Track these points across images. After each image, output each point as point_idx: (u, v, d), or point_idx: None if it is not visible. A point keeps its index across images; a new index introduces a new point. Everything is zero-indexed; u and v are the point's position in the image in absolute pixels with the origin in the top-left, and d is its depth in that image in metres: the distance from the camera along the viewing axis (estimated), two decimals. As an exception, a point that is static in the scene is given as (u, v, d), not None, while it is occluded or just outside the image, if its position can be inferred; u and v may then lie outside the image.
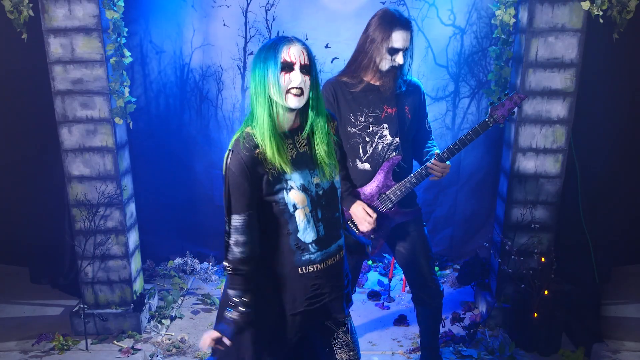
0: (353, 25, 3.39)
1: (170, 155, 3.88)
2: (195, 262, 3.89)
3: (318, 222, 1.76)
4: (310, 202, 1.73)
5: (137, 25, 3.58)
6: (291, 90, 1.64)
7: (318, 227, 1.76)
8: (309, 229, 1.74)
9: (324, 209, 1.77)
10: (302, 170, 1.72)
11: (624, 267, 3.89)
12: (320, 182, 1.76)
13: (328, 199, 1.78)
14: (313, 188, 1.74)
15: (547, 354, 2.96)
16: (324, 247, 1.78)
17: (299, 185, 1.71)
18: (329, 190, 1.78)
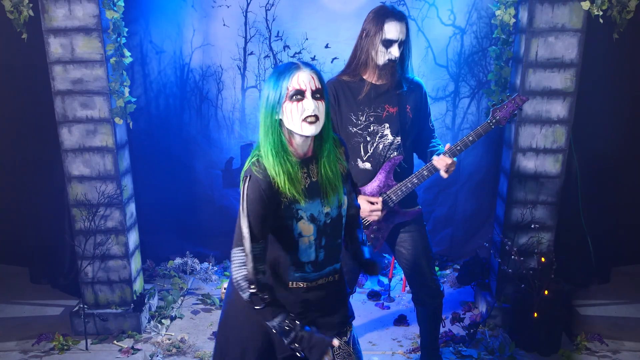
0: (353, 25, 3.38)
1: (170, 155, 3.88)
2: (195, 262, 3.89)
3: (320, 248, 1.74)
4: (316, 232, 1.71)
5: (137, 25, 3.58)
6: (306, 118, 1.59)
7: (318, 253, 1.75)
8: (309, 252, 1.74)
9: (328, 236, 1.75)
10: (313, 200, 1.69)
11: (624, 267, 3.89)
12: (330, 210, 1.73)
13: (334, 226, 1.75)
14: (322, 217, 1.71)
15: (547, 354, 2.96)
16: (318, 269, 1.77)
17: (309, 216, 1.69)
18: (336, 218, 1.75)
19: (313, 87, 1.59)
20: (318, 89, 1.60)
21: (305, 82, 1.58)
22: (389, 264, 3.94)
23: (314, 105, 1.59)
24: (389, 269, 3.80)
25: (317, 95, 1.60)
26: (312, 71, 1.61)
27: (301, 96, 1.59)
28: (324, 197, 1.71)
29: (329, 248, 1.76)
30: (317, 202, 1.70)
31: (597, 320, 3.33)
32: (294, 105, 1.59)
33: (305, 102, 1.59)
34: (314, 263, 1.75)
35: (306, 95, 1.59)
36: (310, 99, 1.59)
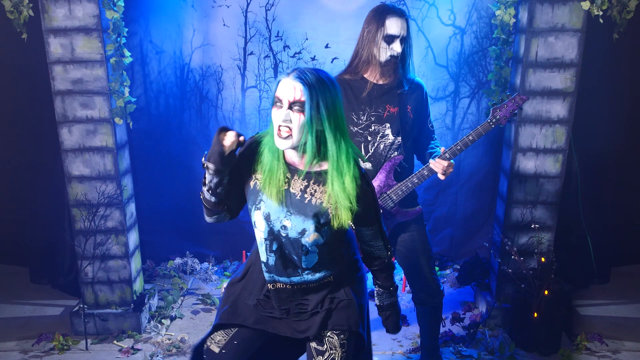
0: (353, 25, 3.39)
1: (170, 155, 3.88)
2: (195, 262, 3.89)
3: (270, 252, 1.73)
4: (267, 232, 1.71)
5: (137, 25, 3.58)
6: (279, 128, 1.57)
7: (268, 255, 1.74)
8: (262, 250, 1.76)
9: (282, 246, 1.72)
10: (279, 205, 1.67)
11: (624, 267, 3.89)
12: (289, 228, 1.67)
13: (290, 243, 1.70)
14: (277, 225, 1.69)
15: (547, 354, 2.96)
16: (272, 272, 1.77)
17: (265, 213, 1.69)
18: (293, 240, 1.69)
19: (291, 98, 1.55)
20: (297, 101, 1.54)
21: (285, 91, 1.55)
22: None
23: (287, 116, 1.55)
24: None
25: (295, 107, 1.55)
26: (297, 80, 1.54)
27: (280, 104, 1.57)
28: (292, 213, 1.67)
29: (281, 259, 1.73)
30: (282, 210, 1.68)
31: (597, 320, 3.33)
32: (275, 111, 1.59)
33: (280, 111, 1.57)
34: (266, 264, 1.76)
35: (283, 103, 1.57)
36: (286, 109, 1.56)
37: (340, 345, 1.82)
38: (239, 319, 1.83)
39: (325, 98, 1.56)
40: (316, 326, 1.80)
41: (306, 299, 1.81)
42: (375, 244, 1.87)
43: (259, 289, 1.84)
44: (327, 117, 1.57)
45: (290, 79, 1.56)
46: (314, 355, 1.83)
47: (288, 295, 1.80)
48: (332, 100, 1.58)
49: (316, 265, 1.76)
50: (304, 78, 1.55)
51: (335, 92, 1.60)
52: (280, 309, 1.82)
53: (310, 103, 1.54)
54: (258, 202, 1.70)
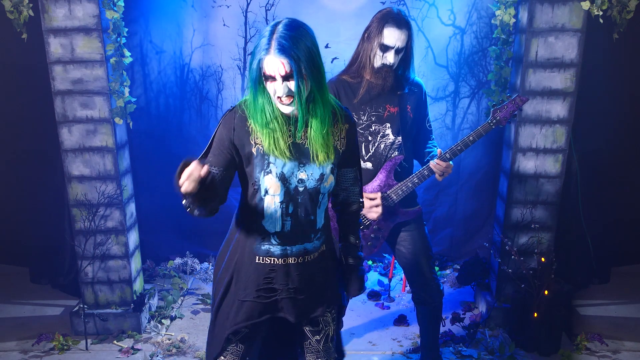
0: (353, 25, 3.39)
1: (170, 155, 3.88)
2: (195, 262, 3.89)
3: (286, 216, 1.70)
4: (283, 193, 1.68)
5: (137, 25, 3.58)
6: (279, 98, 1.60)
7: (284, 221, 1.71)
8: (274, 219, 1.71)
9: (298, 205, 1.70)
10: (290, 159, 1.66)
11: (624, 267, 3.89)
12: (306, 179, 1.69)
13: (307, 198, 1.70)
14: (294, 181, 1.68)
15: (547, 354, 2.96)
16: (286, 243, 1.73)
17: (278, 173, 1.66)
18: (312, 191, 1.70)
19: (282, 72, 1.56)
20: (289, 74, 1.56)
21: (274, 69, 1.56)
22: (389, 264, 3.94)
23: (285, 88, 1.58)
24: (389, 269, 3.80)
25: (290, 78, 1.57)
26: (282, 56, 1.54)
27: (273, 79, 1.58)
28: (304, 163, 1.68)
29: (298, 220, 1.71)
30: (294, 164, 1.67)
31: (597, 320, 3.33)
32: (269, 84, 1.59)
33: (277, 84, 1.58)
34: (280, 234, 1.72)
35: (276, 79, 1.57)
36: (281, 82, 1.57)
37: (332, 320, 1.88)
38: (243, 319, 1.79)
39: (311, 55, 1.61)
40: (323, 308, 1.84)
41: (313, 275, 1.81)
42: (353, 189, 1.90)
43: (255, 279, 1.77)
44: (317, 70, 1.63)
45: (274, 55, 1.54)
46: (309, 336, 1.86)
47: (299, 271, 1.77)
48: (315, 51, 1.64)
49: (322, 227, 1.79)
50: (287, 50, 1.55)
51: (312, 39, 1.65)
52: (287, 289, 1.77)
53: (301, 71, 1.57)
54: (267, 166, 1.65)
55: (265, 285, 1.77)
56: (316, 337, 1.86)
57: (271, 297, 1.78)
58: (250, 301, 1.78)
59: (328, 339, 1.89)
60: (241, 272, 1.79)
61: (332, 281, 1.88)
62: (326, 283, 1.86)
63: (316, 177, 1.70)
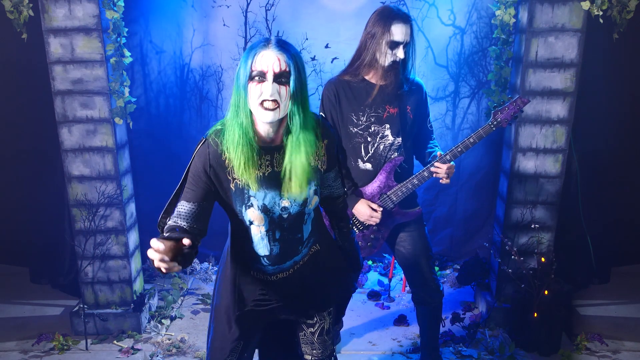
0: (353, 25, 3.39)
1: (170, 155, 3.88)
2: (195, 262, 3.89)
3: (274, 241, 1.69)
4: (268, 223, 1.65)
5: (137, 25, 3.58)
6: (263, 102, 1.50)
7: (272, 246, 1.69)
8: (262, 244, 1.70)
9: (284, 230, 1.68)
10: (270, 190, 1.61)
11: (624, 267, 3.89)
12: (290, 206, 1.64)
13: (292, 222, 1.68)
14: (277, 210, 1.64)
15: (547, 354, 2.96)
16: (276, 263, 1.74)
17: (260, 205, 1.61)
18: (295, 215, 1.67)
19: (277, 69, 1.47)
20: (283, 71, 1.48)
21: (268, 63, 1.47)
22: (389, 264, 3.94)
23: (274, 90, 1.48)
24: (389, 269, 3.80)
25: (281, 80, 1.48)
26: (280, 52, 1.47)
27: (261, 78, 1.48)
28: (284, 190, 1.62)
29: (286, 242, 1.71)
30: (274, 194, 1.62)
31: (597, 320, 3.33)
32: (255, 86, 1.49)
33: (265, 85, 1.48)
34: (269, 257, 1.72)
35: (267, 77, 1.48)
36: (271, 82, 1.48)
37: (327, 314, 1.90)
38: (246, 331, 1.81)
39: (304, 68, 1.55)
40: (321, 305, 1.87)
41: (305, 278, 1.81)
42: (336, 184, 1.86)
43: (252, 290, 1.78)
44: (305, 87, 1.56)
45: (272, 50, 1.48)
46: (304, 328, 1.88)
47: (290, 281, 1.79)
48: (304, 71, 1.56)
49: (310, 235, 1.76)
50: (286, 48, 1.50)
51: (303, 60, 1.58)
52: (284, 299, 1.81)
53: (295, 74, 1.49)
54: (247, 200, 1.61)
55: (261, 297, 1.80)
56: (311, 330, 1.89)
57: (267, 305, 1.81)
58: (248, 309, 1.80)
59: (324, 332, 1.90)
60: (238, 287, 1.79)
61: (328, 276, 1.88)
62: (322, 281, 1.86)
63: (300, 202, 1.66)
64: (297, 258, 1.78)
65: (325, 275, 1.87)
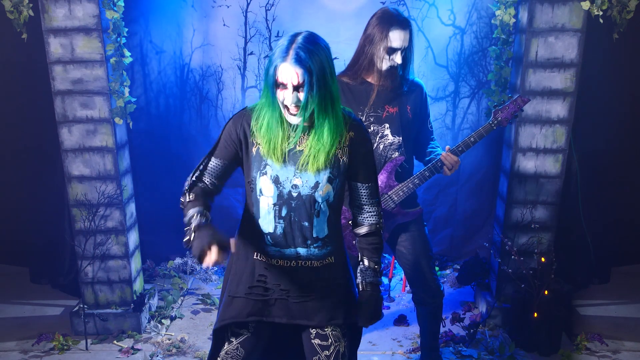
0: (353, 25, 3.39)
1: (170, 155, 3.88)
2: (195, 262, 3.89)
3: (279, 218, 1.73)
4: (277, 196, 1.71)
5: (137, 25, 3.58)
6: (286, 107, 1.63)
7: (277, 223, 1.74)
8: (267, 219, 1.74)
9: (291, 209, 1.72)
10: (286, 165, 1.69)
11: (624, 267, 3.89)
12: (301, 185, 1.70)
13: (300, 204, 1.71)
14: (288, 186, 1.70)
15: (547, 354, 2.96)
16: (279, 245, 1.76)
17: (273, 176, 1.69)
18: (307, 198, 1.70)
19: (295, 82, 1.58)
20: (300, 84, 1.58)
21: (287, 77, 1.58)
22: (389, 264, 3.94)
23: (294, 98, 1.60)
24: (389, 269, 3.81)
25: (301, 89, 1.59)
26: (297, 66, 1.57)
27: (283, 87, 1.61)
28: (298, 168, 1.69)
29: (290, 224, 1.73)
30: (289, 169, 1.70)
31: (597, 320, 3.33)
32: (279, 91, 1.62)
33: (287, 93, 1.60)
34: (273, 235, 1.75)
35: (288, 87, 1.60)
36: (291, 91, 1.60)
37: (342, 336, 1.84)
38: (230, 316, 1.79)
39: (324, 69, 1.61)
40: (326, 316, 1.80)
41: (310, 282, 1.79)
42: (368, 209, 1.83)
43: (249, 275, 1.79)
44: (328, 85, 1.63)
45: (290, 64, 1.57)
46: (318, 351, 1.82)
47: (292, 275, 1.78)
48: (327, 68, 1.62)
49: (325, 237, 1.77)
50: (303, 62, 1.57)
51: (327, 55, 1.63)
52: (280, 289, 1.78)
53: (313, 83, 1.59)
54: (263, 167, 1.70)
55: (258, 284, 1.79)
56: (325, 353, 1.82)
57: (264, 296, 1.79)
58: (241, 297, 1.79)
59: (339, 356, 1.83)
60: (237, 267, 1.82)
61: (340, 295, 1.83)
62: (331, 295, 1.81)
63: (311, 184, 1.70)
64: (302, 252, 1.77)
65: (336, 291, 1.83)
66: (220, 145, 1.76)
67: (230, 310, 1.80)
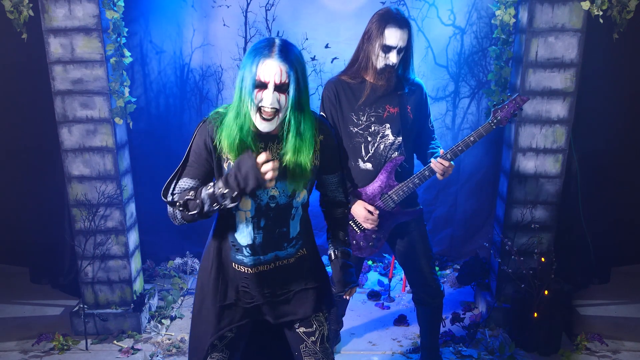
0: (353, 25, 3.39)
1: (170, 155, 3.87)
2: (195, 262, 3.89)
3: (258, 229, 1.71)
4: (254, 209, 1.68)
5: (137, 25, 3.58)
6: (261, 109, 1.54)
7: (255, 234, 1.72)
8: (245, 232, 1.72)
9: (269, 220, 1.70)
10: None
11: (624, 267, 3.89)
12: (278, 195, 1.68)
13: (278, 213, 1.70)
14: (265, 198, 1.67)
15: (547, 354, 2.96)
16: (257, 253, 1.74)
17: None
18: (283, 206, 1.70)
19: (277, 80, 1.51)
20: (284, 83, 1.51)
21: (270, 74, 1.50)
22: (389, 264, 3.94)
23: (274, 98, 1.52)
24: (389, 269, 3.81)
25: (282, 88, 1.52)
26: (282, 62, 1.50)
27: (262, 86, 1.52)
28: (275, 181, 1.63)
29: (269, 233, 1.72)
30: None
31: (597, 320, 3.33)
32: (256, 92, 1.53)
33: (265, 93, 1.52)
34: (252, 246, 1.73)
35: (268, 86, 1.52)
36: (272, 91, 1.52)
37: (325, 320, 1.89)
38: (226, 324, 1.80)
39: (304, 73, 1.57)
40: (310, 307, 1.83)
41: (288, 277, 1.81)
42: (338, 193, 1.89)
43: (233, 285, 1.79)
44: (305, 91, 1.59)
45: (275, 60, 1.50)
46: (304, 338, 1.85)
47: (272, 276, 1.79)
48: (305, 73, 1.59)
49: (298, 234, 1.78)
50: (289, 58, 1.52)
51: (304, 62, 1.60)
52: (263, 293, 1.79)
53: (295, 84, 1.53)
54: None
55: (243, 290, 1.79)
56: (312, 339, 1.86)
57: (250, 302, 1.80)
58: (231, 304, 1.80)
59: (324, 339, 1.88)
60: (220, 279, 1.80)
61: (318, 281, 1.87)
62: (308, 284, 1.84)
63: (288, 193, 1.69)
64: (281, 254, 1.77)
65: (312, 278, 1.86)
66: (190, 165, 1.67)
67: (224, 319, 1.80)
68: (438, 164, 2.36)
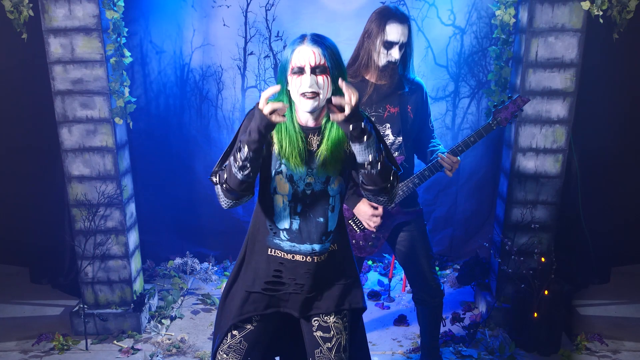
0: (353, 25, 3.38)
1: (170, 155, 3.88)
2: (195, 262, 3.89)
3: (294, 215, 1.75)
4: (291, 194, 1.74)
5: (137, 25, 3.58)
6: (304, 94, 1.62)
7: (293, 219, 1.76)
8: (283, 216, 1.76)
9: (306, 206, 1.75)
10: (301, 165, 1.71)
11: (624, 267, 3.89)
12: (313, 182, 1.73)
13: (314, 200, 1.75)
14: (302, 184, 1.73)
15: (547, 354, 2.96)
16: (294, 240, 1.77)
17: (287, 174, 1.72)
18: (318, 193, 1.75)
19: (312, 62, 1.59)
20: (319, 65, 1.59)
21: (305, 58, 1.59)
22: (389, 264, 3.94)
23: (312, 81, 1.59)
24: (389, 269, 3.81)
25: (317, 71, 1.60)
26: (315, 46, 1.60)
27: (300, 71, 1.60)
28: (313, 168, 1.72)
29: (306, 220, 1.76)
30: (304, 169, 1.71)
31: (597, 320, 3.33)
32: (295, 79, 1.61)
33: (304, 77, 1.60)
34: (289, 231, 1.77)
35: (305, 70, 1.60)
36: (309, 74, 1.59)
37: (344, 329, 1.87)
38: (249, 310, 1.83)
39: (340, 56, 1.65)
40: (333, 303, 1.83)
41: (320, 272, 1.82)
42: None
43: (265, 270, 1.81)
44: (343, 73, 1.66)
45: (307, 45, 1.60)
46: (320, 343, 1.84)
47: (305, 268, 1.79)
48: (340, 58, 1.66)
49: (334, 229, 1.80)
50: (321, 41, 1.62)
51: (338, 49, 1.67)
52: (295, 284, 1.80)
53: (331, 64, 1.61)
54: (278, 165, 1.72)
55: (274, 279, 1.81)
56: (327, 345, 1.83)
57: (279, 290, 1.82)
58: (257, 292, 1.82)
59: (340, 348, 1.84)
60: (251, 263, 1.84)
61: (346, 279, 1.87)
62: (338, 282, 1.85)
63: (322, 179, 1.74)
64: (317, 248, 1.78)
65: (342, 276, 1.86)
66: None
67: (248, 305, 1.82)
68: (447, 159, 2.36)
